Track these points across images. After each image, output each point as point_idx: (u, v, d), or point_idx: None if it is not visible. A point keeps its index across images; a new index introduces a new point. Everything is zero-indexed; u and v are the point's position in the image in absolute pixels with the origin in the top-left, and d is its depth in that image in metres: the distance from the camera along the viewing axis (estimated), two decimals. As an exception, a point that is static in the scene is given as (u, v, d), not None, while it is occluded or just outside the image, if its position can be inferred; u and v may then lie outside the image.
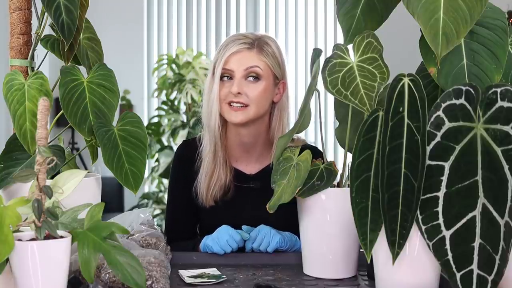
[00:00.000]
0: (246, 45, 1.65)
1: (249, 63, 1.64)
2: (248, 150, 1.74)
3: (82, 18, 1.34)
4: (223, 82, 1.66)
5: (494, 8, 1.21)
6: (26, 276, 0.96)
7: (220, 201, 1.70)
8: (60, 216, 1.08)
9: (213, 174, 1.69)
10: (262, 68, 1.64)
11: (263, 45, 1.66)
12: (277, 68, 1.68)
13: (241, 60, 1.64)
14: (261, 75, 1.64)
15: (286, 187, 1.33)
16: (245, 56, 1.64)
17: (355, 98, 1.22)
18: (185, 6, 5.72)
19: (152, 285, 1.16)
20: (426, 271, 1.11)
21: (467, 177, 1.03)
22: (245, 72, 1.64)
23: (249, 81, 1.64)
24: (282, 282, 1.31)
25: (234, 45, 1.65)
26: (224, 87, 1.65)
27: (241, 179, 1.73)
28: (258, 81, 1.64)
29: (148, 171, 5.02)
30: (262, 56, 1.65)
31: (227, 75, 1.65)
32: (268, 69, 1.66)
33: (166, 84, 5.01)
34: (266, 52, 1.66)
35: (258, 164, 1.76)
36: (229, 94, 1.64)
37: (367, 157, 1.11)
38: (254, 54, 1.65)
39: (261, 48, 1.66)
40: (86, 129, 1.29)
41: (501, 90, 1.03)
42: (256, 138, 1.73)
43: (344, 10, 1.32)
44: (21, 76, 1.31)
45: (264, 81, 1.65)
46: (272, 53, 1.67)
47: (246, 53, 1.65)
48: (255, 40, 1.66)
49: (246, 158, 1.76)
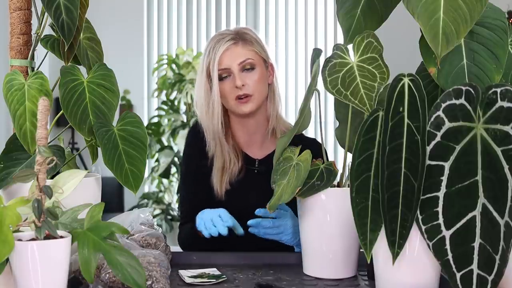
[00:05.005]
0: (232, 41, 1.75)
1: (241, 56, 1.74)
2: (252, 136, 1.84)
3: (82, 18, 1.34)
4: (223, 81, 1.74)
5: (494, 8, 1.21)
6: (26, 276, 0.96)
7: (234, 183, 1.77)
8: (60, 216, 1.08)
9: (224, 167, 1.77)
10: (252, 57, 1.75)
11: (245, 36, 1.77)
12: (263, 52, 1.79)
13: (233, 56, 1.73)
14: (254, 63, 1.75)
15: (286, 187, 1.33)
16: (235, 51, 1.74)
17: (355, 98, 1.22)
18: (185, 6, 5.72)
19: (152, 285, 1.16)
20: (426, 271, 1.11)
21: (467, 177, 1.03)
22: (240, 65, 1.73)
23: (246, 72, 1.74)
24: (282, 282, 1.31)
25: (221, 44, 1.74)
26: (225, 85, 1.74)
27: (249, 162, 1.82)
28: (253, 70, 1.75)
29: (148, 171, 5.02)
30: (248, 45, 1.76)
31: (224, 74, 1.74)
32: (257, 56, 1.77)
33: (166, 84, 5.01)
34: (250, 41, 1.77)
35: (262, 150, 1.85)
36: (233, 90, 1.73)
37: (367, 157, 1.11)
38: (241, 46, 1.75)
39: (245, 39, 1.76)
40: (86, 129, 1.29)
41: (501, 90, 1.03)
42: (259, 124, 1.82)
43: (344, 10, 1.32)
44: (21, 76, 1.31)
45: (258, 68, 1.76)
46: (255, 40, 1.78)
47: (234, 48, 1.74)
48: (236, 34, 1.77)
49: (251, 144, 1.85)
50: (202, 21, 5.73)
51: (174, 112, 4.99)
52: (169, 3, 5.73)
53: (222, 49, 1.73)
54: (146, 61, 5.69)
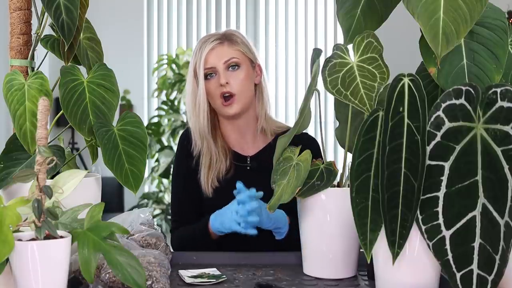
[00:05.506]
0: (218, 41, 1.80)
1: (226, 55, 1.78)
2: (243, 136, 1.87)
3: (82, 18, 1.34)
4: (208, 80, 1.79)
5: (494, 8, 1.21)
6: (26, 276, 0.96)
7: (223, 181, 1.78)
8: (60, 216, 1.08)
9: (210, 164, 1.80)
10: (238, 56, 1.79)
11: (231, 37, 1.82)
12: (250, 53, 1.83)
13: (218, 55, 1.78)
14: (239, 63, 1.79)
15: (286, 187, 1.33)
16: (220, 51, 1.79)
17: (355, 98, 1.22)
18: (185, 6, 5.73)
19: (152, 285, 1.16)
20: (426, 271, 1.11)
21: (467, 177, 1.03)
22: (225, 64, 1.78)
23: (231, 71, 1.78)
24: (282, 282, 1.31)
25: (207, 45, 1.79)
26: (211, 84, 1.78)
27: (239, 160, 1.85)
28: (238, 69, 1.79)
29: (148, 171, 5.02)
30: (234, 45, 1.80)
31: (210, 73, 1.78)
32: (243, 56, 1.81)
33: (166, 84, 5.01)
34: (236, 41, 1.81)
35: (253, 147, 1.87)
36: (218, 87, 1.77)
37: (367, 157, 1.11)
38: (226, 47, 1.79)
39: (231, 39, 1.81)
40: (86, 129, 1.29)
41: (501, 90, 1.03)
42: (248, 123, 1.85)
43: (344, 10, 1.32)
44: (21, 76, 1.31)
45: (244, 67, 1.80)
46: (241, 41, 1.82)
47: (220, 47, 1.79)
48: (223, 35, 1.82)
49: (242, 143, 1.87)
50: (202, 21, 5.73)
51: (174, 112, 5.00)
52: (169, 3, 5.73)
53: (207, 48, 1.78)
54: (146, 61, 5.70)
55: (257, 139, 1.87)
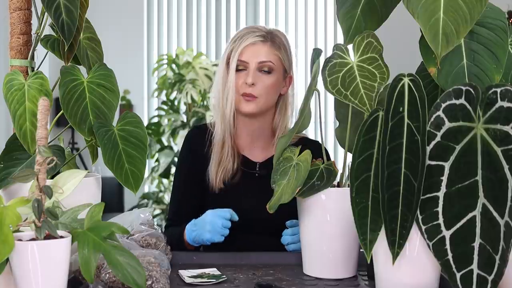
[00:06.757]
0: (261, 38, 1.72)
1: (263, 56, 1.71)
2: (255, 140, 1.81)
3: (82, 18, 1.34)
4: (238, 73, 1.72)
5: (494, 8, 1.21)
6: (26, 276, 0.96)
7: (228, 185, 1.75)
8: (60, 216, 1.08)
9: (221, 161, 1.75)
10: (274, 62, 1.71)
11: (275, 38, 1.73)
12: (287, 62, 1.75)
13: (256, 53, 1.71)
14: (273, 68, 1.72)
15: (286, 187, 1.33)
16: (259, 49, 1.71)
17: (355, 98, 1.22)
18: (185, 6, 5.73)
19: (152, 285, 1.16)
20: (426, 271, 1.11)
21: (467, 177, 1.03)
22: (259, 65, 1.70)
23: (262, 73, 1.71)
24: (282, 282, 1.31)
25: (249, 37, 1.71)
26: (238, 78, 1.71)
27: (248, 165, 1.79)
28: (270, 74, 1.71)
29: (148, 171, 5.02)
30: (274, 49, 1.72)
31: (241, 67, 1.71)
32: (279, 63, 1.73)
33: (166, 84, 5.00)
34: (278, 45, 1.73)
35: (264, 153, 1.82)
36: (242, 85, 1.70)
37: (367, 157, 1.11)
38: (268, 47, 1.71)
39: (274, 41, 1.73)
40: (86, 129, 1.29)
41: (501, 90, 1.03)
42: (263, 129, 1.79)
43: (344, 10, 1.32)
44: (21, 76, 1.31)
45: (276, 74, 1.72)
46: (284, 47, 1.74)
47: (261, 45, 1.71)
48: (268, 34, 1.73)
49: (253, 147, 1.82)
50: (202, 21, 5.73)
51: (174, 112, 4.99)
52: (169, 3, 5.73)
53: (248, 41, 1.71)
54: (146, 61, 5.69)
55: (269, 147, 1.82)
